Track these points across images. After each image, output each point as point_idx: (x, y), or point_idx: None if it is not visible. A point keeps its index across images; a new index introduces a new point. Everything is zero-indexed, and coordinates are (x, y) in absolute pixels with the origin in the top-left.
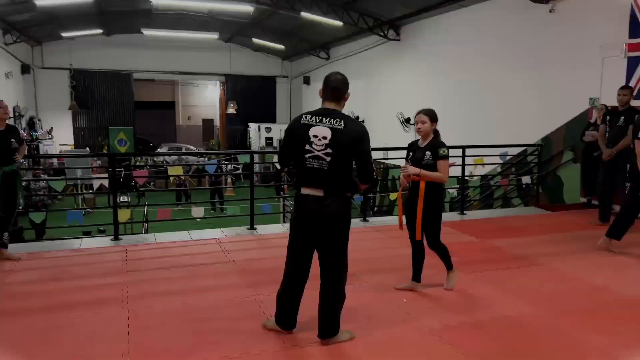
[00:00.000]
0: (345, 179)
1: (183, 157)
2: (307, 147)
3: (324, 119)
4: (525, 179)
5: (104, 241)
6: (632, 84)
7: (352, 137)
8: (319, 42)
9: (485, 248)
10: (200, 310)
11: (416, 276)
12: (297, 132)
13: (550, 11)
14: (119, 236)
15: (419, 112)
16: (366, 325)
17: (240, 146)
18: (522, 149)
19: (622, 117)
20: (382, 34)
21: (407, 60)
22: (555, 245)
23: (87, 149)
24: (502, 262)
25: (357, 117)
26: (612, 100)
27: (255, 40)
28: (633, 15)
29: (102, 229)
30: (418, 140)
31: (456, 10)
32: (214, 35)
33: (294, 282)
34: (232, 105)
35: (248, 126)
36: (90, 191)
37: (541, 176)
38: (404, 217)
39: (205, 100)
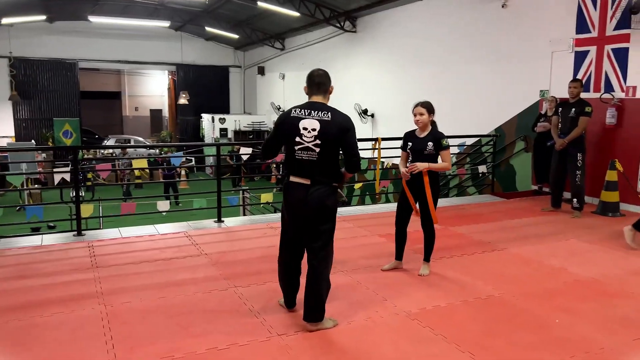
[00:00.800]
0: (333, 169)
1: (140, 150)
2: (297, 139)
3: (312, 111)
4: (481, 168)
5: (67, 237)
6: (578, 77)
7: (339, 128)
8: (273, 32)
9: (449, 235)
10: (181, 304)
11: (399, 255)
12: (288, 125)
13: (502, 6)
14: (82, 231)
15: (417, 105)
16: (346, 311)
17: (192, 138)
18: (477, 139)
19: (573, 109)
20: (338, 25)
21: (363, 51)
22: (512, 230)
23: (33, 142)
24: (466, 248)
25: (366, 110)
26: (560, 92)
27: (208, 29)
28: (580, 12)
29: (51, 224)
30: (414, 130)
31: (412, 4)
32: (165, 24)
33: (288, 265)
34: (183, 95)
35: (201, 117)
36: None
37: (495, 165)
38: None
39: (153, 90)
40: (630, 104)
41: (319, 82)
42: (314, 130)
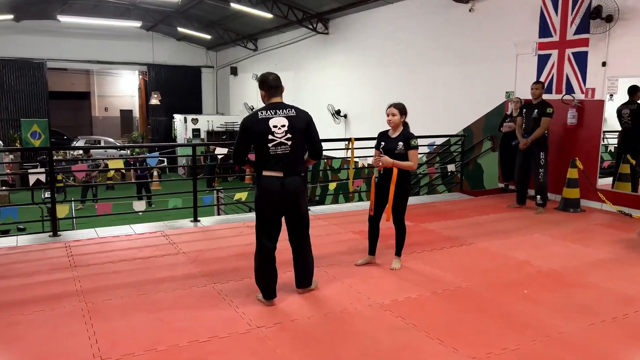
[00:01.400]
0: (301, 160)
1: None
2: (270, 137)
3: (278, 111)
4: (450, 167)
5: (43, 238)
6: (541, 79)
7: (304, 121)
8: (246, 33)
9: (419, 231)
10: (161, 301)
11: (372, 250)
12: (258, 126)
13: (470, 10)
14: (58, 232)
15: (390, 106)
16: (322, 304)
17: (164, 138)
18: (446, 139)
19: (535, 110)
20: (310, 27)
21: (336, 53)
22: (480, 226)
23: (0, 143)
24: (436, 243)
25: (339, 111)
26: (525, 94)
27: (180, 29)
28: (542, 17)
29: (21, 227)
30: (388, 130)
31: (382, 7)
32: (137, 24)
33: (270, 255)
34: (155, 95)
35: (173, 117)
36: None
37: (464, 164)
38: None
39: (123, 90)
40: (590, 105)
41: (276, 85)
42: (283, 126)
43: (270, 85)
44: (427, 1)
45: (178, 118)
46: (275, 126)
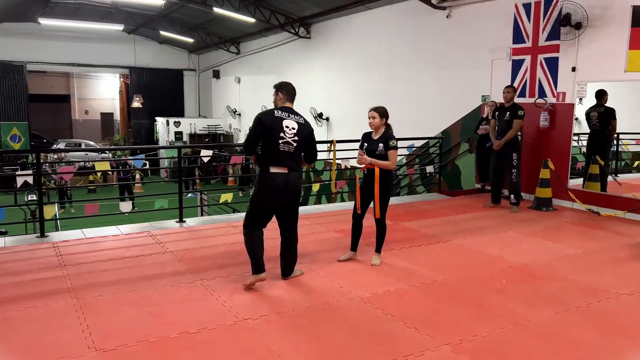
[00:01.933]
0: (300, 160)
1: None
2: (281, 134)
3: (291, 115)
4: (429, 168)
5: (30, 239)
6: (515, 84)
7: (309, 130)
8: (229, 37)
9: (400, 229)
10: (151, 296)
11: (354, 247)
12: (272, 122)
13: (447, 17)
14: (45, 233)
15: (371, 109)
16: (306, 298)
17: (147, 141)
18: (425, 141)
19: (508, 113)
20: (292, 31)
21: (317, 57)
22: (457, 224)
23: None
24: (415, 241)
25: (321, 114)
26: (500, 97)
27: (163, 32)
28: (516, 24)
29: (2, 230)
30: (371, 132)
31: (363, 12)
32: (119, 27)
33: (259, 236)
34: (137, 98)
35: (155, 120)
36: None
37: (442, 165)
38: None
39: (104, 93)
40: (561, 108)
41: (294, 94)
42: (293, 129)
43: (288, 91)
44: (406, 7)
45: (160, 121)
46: (287, 127)
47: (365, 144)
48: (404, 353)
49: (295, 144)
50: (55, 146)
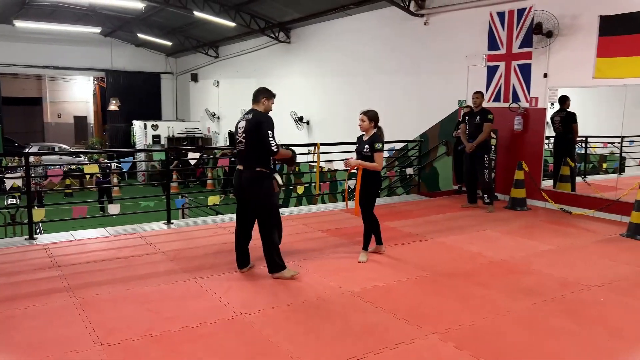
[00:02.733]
0: (255, 157)
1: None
2: (237, 136)
3: (245, 115)
4: (409, 171)
5: (19, 241)
6: (490, 89)
7: (254, 123)
8: (207, 40)
9: (383, 229)
10: (148, 294)
11: (378, 240)
12: (235, 127)
13: (425, 24)
14: (34, 235)
15: (361, 113)
16: (299, 293)
17: (123, 145)
18: (405, 144)
19: (478, 117)
20: (272, 35)
21: (298, 61)
22: (437, 224)
23: None
24: (399, 239)
25: (302, 117)
26: None
27: (140, 35)
28: (490, 31)
29: None
30: (363, 134)
31: (343, 18)
32: (96, 30)
33: (239, 234)
34: (114, 101)
35: (132, 124)
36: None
37: (421, 168)
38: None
39: (77, 96)
40: (534, 112)
41: (254, 95)
42: (242, 127)
43: (253, 94)
44: (384, 14)
45: (137, 124)
46: (240, 128)
47: (357, 145)
48: (395, 342)
49: (244, 141)
50: (27, 150)
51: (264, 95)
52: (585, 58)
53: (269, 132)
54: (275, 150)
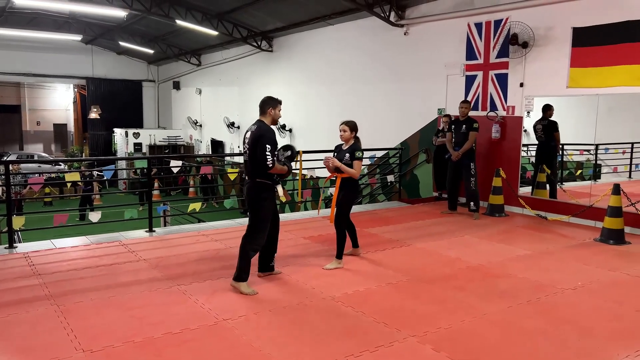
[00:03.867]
0: (256, 168)
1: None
2: (243, 146)
3: (251, 126)
4: (390, 178)
5: None
6: (469, 97)
7: (254, 136)
8: (190, 48)
9: (364, 235)
10: (131, 301)
11: (355, 243)
12: (243, 136)
13: (405, 34)
14: (14, 244)
15: (342, 123)
16: (280, 298)
17: (104, 152)
18: (386, 151)
19: (464, 126)
20: (255, 44)
21: (280, 70)
22: (417, 230)
23: None
24: (379, 245)
25: (284, 125)
26: (455, 111)
27: (122, 43)
28: (469, 41)
29: None
30: (342, 144)
31: (324, 28)
32: (77, 37)
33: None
34: (95, 109)
35: (113, 131)
36: None
37: (402, 175)
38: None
39: (57, 104)
40: (511, 121)
41: (260, 107)
42: (246, 139)
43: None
44: (365, 24)
45: (118, 132)
46: (245, 138)
47: (336, 154)
48: (375, 345)
49: (247, 153)
50: (5, 158)
51: (269, 105)
52: (559, 68)
53: (267, 146)
54: (270, 165)
